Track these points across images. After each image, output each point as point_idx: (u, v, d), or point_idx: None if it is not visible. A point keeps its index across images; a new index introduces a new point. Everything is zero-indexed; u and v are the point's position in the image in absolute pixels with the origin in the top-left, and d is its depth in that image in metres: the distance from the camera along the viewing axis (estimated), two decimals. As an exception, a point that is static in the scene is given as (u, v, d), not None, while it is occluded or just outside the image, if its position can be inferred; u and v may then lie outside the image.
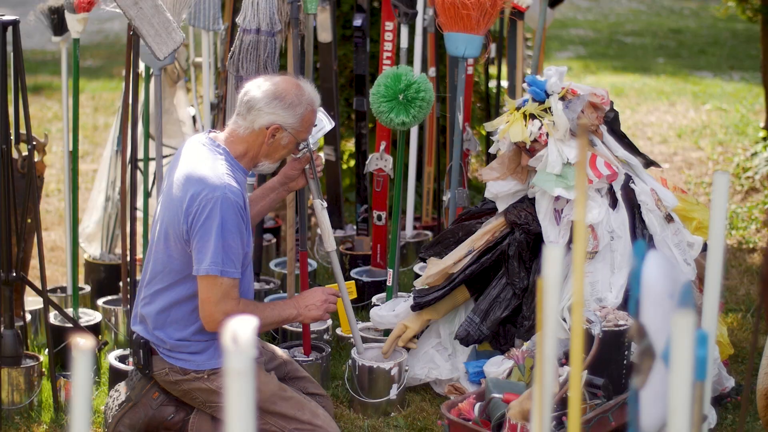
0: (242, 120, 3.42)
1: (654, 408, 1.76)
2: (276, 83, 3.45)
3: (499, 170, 4.06)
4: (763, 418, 3.28)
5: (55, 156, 7.31)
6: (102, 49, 11.74)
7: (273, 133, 3.41)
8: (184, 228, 3.31)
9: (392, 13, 5.03)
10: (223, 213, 3.26)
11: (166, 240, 3.38)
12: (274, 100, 3.40)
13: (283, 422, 3.49)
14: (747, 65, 11.21)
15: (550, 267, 1.65)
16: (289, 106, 3.41)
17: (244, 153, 3.43)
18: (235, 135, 3.44)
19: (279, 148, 3.46)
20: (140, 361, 3.49)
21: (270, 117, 3.40)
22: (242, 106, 3.43)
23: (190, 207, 3.29)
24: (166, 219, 3.38)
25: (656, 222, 3.88)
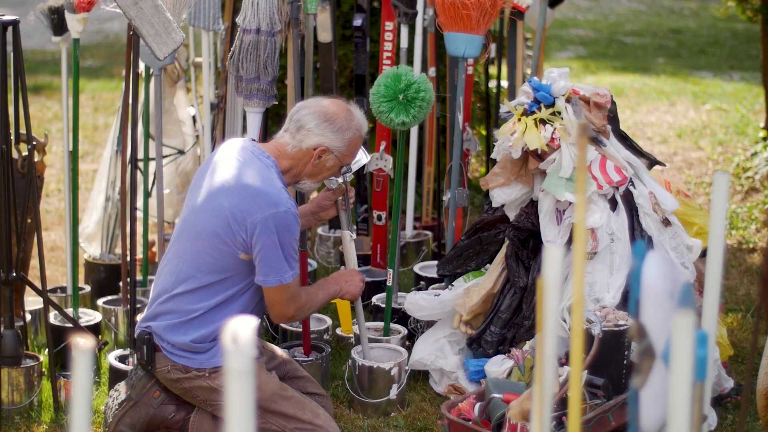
0: (291, 138, 3.50)
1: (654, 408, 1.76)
2: (328, 106, 3.53)
3: (503, 175, 4.08)
4: (763, 418, 3.28)
5: (55, 156, 7.31)
6: (102, 49, 11.74)
7: (320, 155, 3.49)
8: (241, 237, 3.35)
9: (392, 13, 5.03)
10: (288, 227, 3.36)
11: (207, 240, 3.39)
12: (325, 122, 3.49)
13: (283, 421, 3.49)
14: (747, 65, 11.21)
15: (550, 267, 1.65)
16: (339, 130, 3.50)
17: (289, 169, 3.50)
18: (283, 150, 3.50)
19: (323, 170, 3.54)
20: (143, 356, 3.49)
21: (318, 138, 3.48)
22: (292, 124, 3.51)
23: (250, 219, 3.33)
24: (210, 222, 3.39)
25: (653, 225, 3.89)
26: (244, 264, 3.41)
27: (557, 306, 1.66)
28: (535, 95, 3.96)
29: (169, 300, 3.46)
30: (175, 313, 3.45)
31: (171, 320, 3.45)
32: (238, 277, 3.43)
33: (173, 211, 5.48)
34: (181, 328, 3.45)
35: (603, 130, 3.99)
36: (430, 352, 4.09)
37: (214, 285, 3.43)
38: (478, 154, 6.14)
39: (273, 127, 6.25)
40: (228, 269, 3.41)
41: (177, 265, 3.46)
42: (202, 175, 3.52)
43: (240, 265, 3.41)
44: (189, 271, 3.43)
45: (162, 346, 3.47)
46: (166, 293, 3.47)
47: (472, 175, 6.49)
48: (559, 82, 3.94)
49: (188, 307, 3.44)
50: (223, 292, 3.43)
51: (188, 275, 3.43)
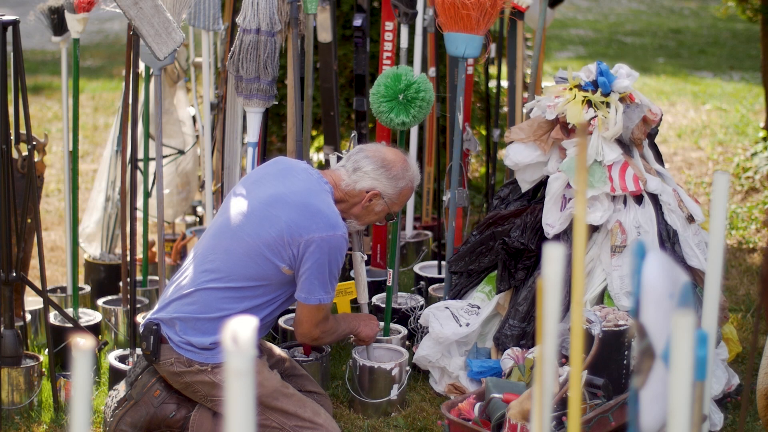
0: (347, 176, 3.60)
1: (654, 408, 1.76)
2: (386, 153, 3.64)
3: (527, 132, 4.12)
4: (763, 418, 3.28)
5: (55, 156, 7.31)
6: (102, 49, 11.74)
7: (371, 198, 3.59)
8: (292, 252, 3.42)
9: (392, 13, 5.03)
10: (339, 252, 3.45)
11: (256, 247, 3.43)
12: (381, 168, 3.59)
13: (283, 418, 3.49)
14: (747, 65, 11.21)
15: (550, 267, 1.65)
16: (394, 178, 3.60)
17: (340, 201, 3.59)
18: (339, 184, 3.60)
19: (371, 214, 3.64)
20: (149, 347, 3.49)
21: (372, 183, 3.59)
22: (350, 163, 3.62)
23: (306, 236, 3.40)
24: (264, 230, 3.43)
25: (678, 222, 3.93)
26: (282, 277, 3.47)
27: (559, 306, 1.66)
28: (598, 79, 4.00)
29: (196, 292, 3.46)
30: (199, 304, 3.45)
31: (193, 313, 3.45)
32: (271, 288, 3.49)
33: (173, 211, 5.48)
34: (203, 327, 3.45)
35: (638, 143, 4.03)
36: (437, 350, 4.09)
37: (247, 290, 3.47)
38: (478, 154, 6.14)
39: (273, 127, 6.26)
40: (265, 278, 3.46)
41: (213, 261, 3.48)
42: (256, 182, 3.57)
43: (278, 276, 3.47)
44: (225, 269, 3.46)
45: (169, 337, 3.47)
46: (193, 285, 3.48)
47: (472, 175, 6.49)
48: (624, 80, 4.01)
49: (216, 304, 3.45)
50: (253, 299, 3.47)
51: (224, 273, 3.46)
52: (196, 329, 3.45)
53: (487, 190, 5.55)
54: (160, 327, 3.48)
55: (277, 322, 4.39)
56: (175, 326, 3.47)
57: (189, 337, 3.46)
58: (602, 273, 3.93)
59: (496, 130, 5.45)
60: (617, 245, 3.89)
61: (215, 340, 3.45)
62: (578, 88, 4.00)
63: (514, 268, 4.07)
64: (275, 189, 3.49)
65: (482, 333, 4.17)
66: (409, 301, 4.55)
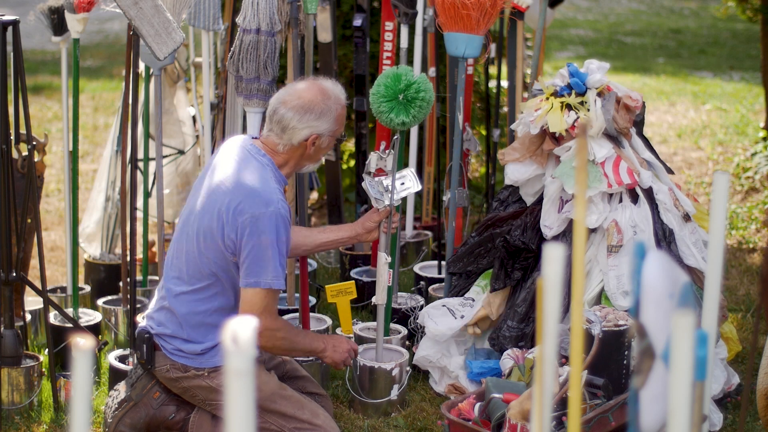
0: (277, 138, 3.46)
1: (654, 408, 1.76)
2: (301, 95, 3.46)
3: (520, 151, 4.12)
4: (763, 418, 3.27)
5: (55, 156, 7.31)
6: (102, 49, 11.74)
7: (313, 142, 3.48)
8: (231, 237, 3.33)
9: (392, 13, 5.03)
10: (277, 228, 3.32)
11: (204, 241, 3.39)
12: (306, 113, 3.44)
13: (282, 421, 3.49)
14: (747, 65, 11.21)
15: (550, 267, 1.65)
16: (321, 115, 3.46)
17: (285, 163, 3.50)
18: (275, 149, 3.49)
19: (320, 151, 3.54)
20: (143, 355, 3.49)
21: (307, 131, 3.45)
22: (274, 124, 3.46)
23: (240, 218, 3.31)
24: (206, 221, 3.38)
25: (674, 221, 3.93)
26: (236, 266, 3.39)
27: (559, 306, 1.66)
28: (570, 81, 3.99)
29: (170, 301, 3.46)
30: (177, 314, 3.44)
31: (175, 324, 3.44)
32: (233, 279, 3.42)
33: (173, 211, 5.48)
34: (188, 336, 3.43)
35: (625, 132, 4.02)
36: (436, 350, 4.09)
37: (211, 287, 3.42)
38: (478, 154, 6.14)
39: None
40: (223, 271, 3.40)
41: (177, 266, 3.47)
42: (203, 177, 3.52)
43: (233, 266, 3.40)
44: (186, 271, 3.43)
45: (162, 345, 3.47)
46: (167, 293, 3.48)
47: (472, 175, 6.49)
48: (596, 74, 3.99)
49: (191, 310, 3.43)
50: (221, 295, 3.43)
51: (187, 275, 3.43)
52: (182, 339, 3.45)
53: (487, 190, 5.54)
54: (153, 335, 3.48)
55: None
56: (164, 338, 3.47)
57: (178, 345, 3.46)
58: (599, 273, 3.92)
59: (496, 130, 5.45)
60: (613, 245, 3.88)
61: (205, 347, 3.44)
62: (554, 96, 3.99)
63: (512, 267, 4.07)
64: (216, 177, 3.42)
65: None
66: (409, 301, 4.56)
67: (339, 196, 5.43)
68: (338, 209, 5.44)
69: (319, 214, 6.17)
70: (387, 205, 3.82)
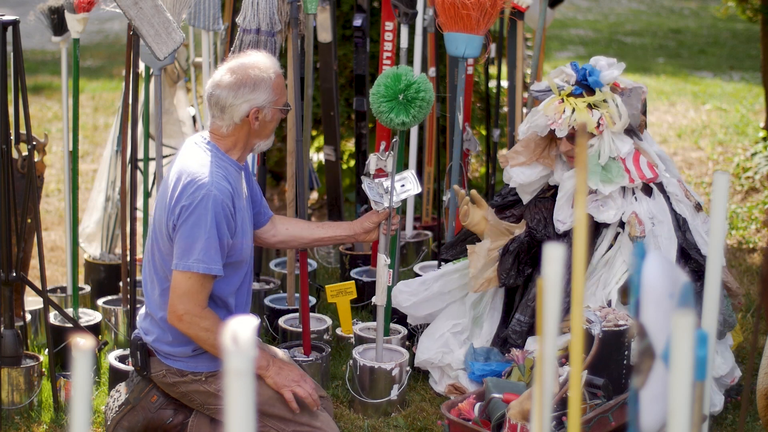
0: (220, 120, 3.42)
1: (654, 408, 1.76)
2: (232, 72, 3.40)
3: (525, 154, 4.09)
4: (763, 418, 3.27)
5: (55, 156, 7.31)
6: (102, 49, 11.74)
7: (255, 116, 3.41)
8: (171, 224, 3.32)
9: (392, 13, 5.03)
10: (211, 209, 3.27)
11: (161, 238, 3.38)
12: (240, 88, 3.37)
13: (281, 424, 3.47)
14: (747, 65, 11.21)
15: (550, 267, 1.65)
16: (255, 86, 3.38)
17: (234, 145, 3.44)
18: (220, 133, 3.44)
19: (267, 125, 3.46)
20: (138, 362, 3.49)
21: (245, 106, 3.38)
22: (213, 108, 3.42)
23: (178, 203, 3.30)
24: (158, 218, 3.40)
25: (687, 211, 3.95)
26: None
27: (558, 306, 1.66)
28: (588, 80, 3.96)
29: (150, 303, 3.47)
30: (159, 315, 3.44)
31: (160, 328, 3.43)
32: None
33: (173, 211, 5.48)
34: (176, 338, 3.42)
35: (643, 127, 4.02)
36: (436, 350, 4.09)
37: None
38: (478, 154, 6.14)
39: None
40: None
41: (149, 267, 3.47)
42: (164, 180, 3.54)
43: None
44: (156, 270, 3.43)
45: (155, 350, 3.46)
46: (146, 296, 3.49)
47: (472, 175, 6.49)
48: (610, 70, 3.98)
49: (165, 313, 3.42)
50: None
51: (158, 274, 3.43)
52: (170, 342, 3.44)
53: (487, 190, 5.54)
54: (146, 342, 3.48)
55: (278, 323, 4.39)
56: (156, 344, 3.47)
57: (167, 350, 3.45)
58: (623, 264, 3.92)
59: (496, 130, 5.45)
60: (637, 236, 3.89)
61: (196, 347, 3.42)
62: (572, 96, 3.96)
63: (524, 262, 4.04)
64: (168, 177, 3.42)
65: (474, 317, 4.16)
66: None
67: (339, 196, 5.43)
68: (338, 209, 5.44)
69: (319, 214, 6.17)
70: (386, 207, 3.81)
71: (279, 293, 4.76)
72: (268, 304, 4.56)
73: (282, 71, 3.52)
